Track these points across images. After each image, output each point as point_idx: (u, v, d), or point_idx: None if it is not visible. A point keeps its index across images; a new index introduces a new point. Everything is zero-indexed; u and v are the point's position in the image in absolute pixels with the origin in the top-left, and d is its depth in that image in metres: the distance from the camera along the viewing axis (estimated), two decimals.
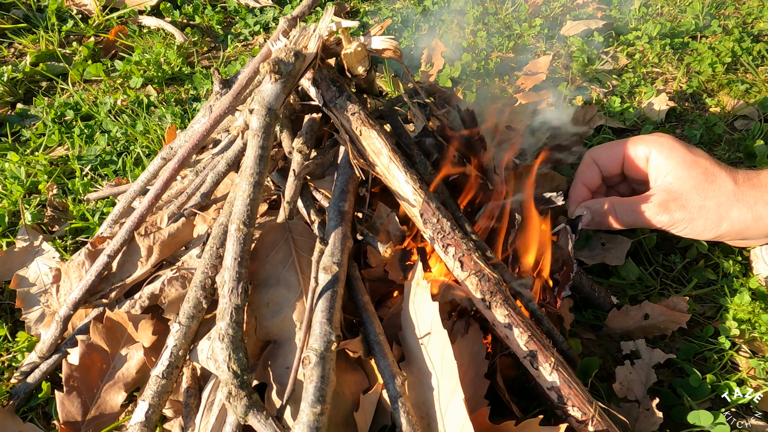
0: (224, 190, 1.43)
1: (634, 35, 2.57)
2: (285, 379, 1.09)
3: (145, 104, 2.19)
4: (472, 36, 2.62)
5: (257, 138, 1.09)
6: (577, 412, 1.07)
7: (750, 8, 2.79)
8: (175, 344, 1.12)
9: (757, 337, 1.38)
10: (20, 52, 2.56)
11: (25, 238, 1.59)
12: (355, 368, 1.16)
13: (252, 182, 1.08)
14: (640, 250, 1.60)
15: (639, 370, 1.28)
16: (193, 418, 1.12)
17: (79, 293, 1.27)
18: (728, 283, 1.49)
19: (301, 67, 1.14)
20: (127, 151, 1.98)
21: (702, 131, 2.01)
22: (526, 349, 1.10)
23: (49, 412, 1.28)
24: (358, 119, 1.20)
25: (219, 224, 1.20)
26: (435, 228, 1.17)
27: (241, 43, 2.67)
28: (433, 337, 1.11)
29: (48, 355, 1.30)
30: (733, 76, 2.32)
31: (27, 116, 2.18)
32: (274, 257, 1.19)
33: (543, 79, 2.29)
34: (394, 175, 1.19)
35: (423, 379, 1.11)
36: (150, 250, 1.30)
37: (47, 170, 1.88)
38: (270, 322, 1.14)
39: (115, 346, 1.25)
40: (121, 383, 1.23)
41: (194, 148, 1.30)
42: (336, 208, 1.20)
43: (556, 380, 1.08)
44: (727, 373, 1.32)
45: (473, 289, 1.14)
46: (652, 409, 1.18)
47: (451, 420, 1.04)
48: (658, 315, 1.39)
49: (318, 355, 1.01)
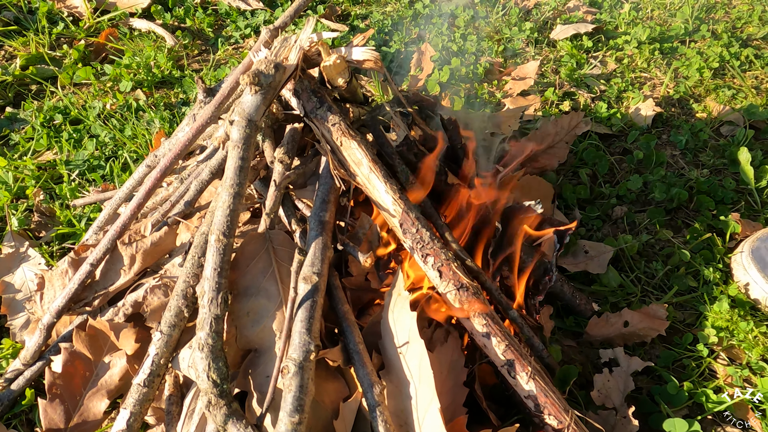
0: (208, 197, 1.44)
1: (623, 39, 2.59)
2: (265, 388, 1.10)
3: (134, 108, 2.20)
4: (462, 40, 2.63)
5: (237, 149, 1.10)
6: (554, 421, 1.09)
7: (740, 12, 2.80)
8: (156, 353, 1.13)
9: (735, 345, 1.40)
10: (10, 54, 2.56)
11: (11, 244, 1.60)
12: (335, 377, 1.17)
13: (232, 193, 1.09)
14: (622, 257, 1.62)
15: (617, 377, 1.29)
16: (174, 426, 1.13)
17: (63, 301, 1.27)
18: (708, 290, 1.51)
19: (281, 79, 1.15)
20: (115, 155, 1.99)
21: (687, 137, 2.03)
22: (504, 359, 1.12)
23: (33, 419, 1.29)
24: (339, 130, 1.21)
25: (201, 233, 1.21)
26: (414, 238, 1.18)
27: (231, 47, 2.68)
28: (411, 346, 1.12)
29: (32, 363, 1.30)
30: (721, 81, 2.34)
31: (16, 120, 2.18)
32: (255, 267, 1.20)
33: (531, 83, 2.31)
34: (375, 185, 1.20)
35: (401, 388, 1.12)
36: (133, 259, 1.30)
37: (35, 175, 1.89)
38: (250, 331, 1.15)
39: (98, 354, 1.26)
40: (104, 390, 1.24)
41: (177, 157, 1.31)
42: (317, 218, 1.21)
43: (533, 389, 1.10)
44: (704, 381, 1.34)
45: (452, 298, 1.15)
46: (628, 417, 1.20)
47: (428, 429, 1.05)
48: (637, 322, 1.41)
49: (297, 365, 1.02)
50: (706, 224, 1.69)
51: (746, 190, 1.83)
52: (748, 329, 1.38)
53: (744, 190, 1.84)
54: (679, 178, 1.88)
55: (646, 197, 1.84)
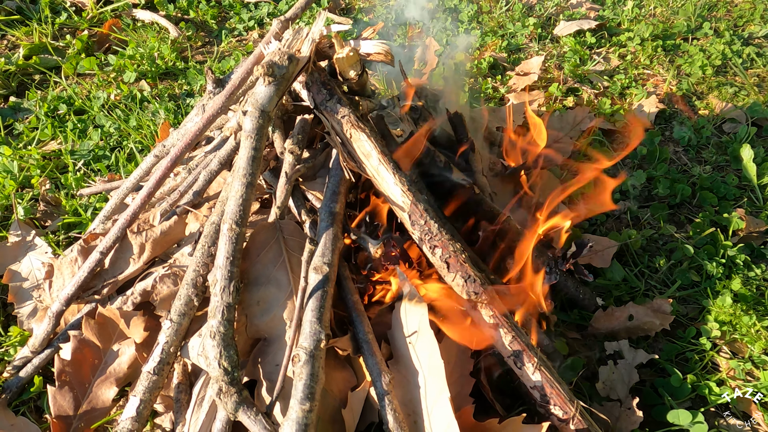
0: (217, 188, 1.44)
1: (626, 36, 2.60)
2: (274, 377, 1.11)
3: (138, 99, 2.20)
4: (465, 35, 2.63)
5: (250, 139, 1.11)
6: (559, 411, 1.10)
7: (741, 10, 2.81)
8: (166, 341, 1.14)
9: (737, 339, 1.41)
10: (13, 44, 2.55)
11: (18, 233, 1.60)
12: (343, 366, 1.18)
13: (245, 183, 1.10)
14: (626, 251, 1.63)
15: (622, 370, 1.31)
16: (183, 414, 1.14)
17: (72, 289, 1.28)
18: (711, 285, 1.52)
19: (294, 71, 1.15)
20: (120, 146, 1.99)
21: (690, 134, 2.04)
22: (511, 349, 1.13)
23: (41, 406, 1.29)
24: (348, 122, 1.21)
25: (211, 223, 1.22)
26: (422, 229, 1.19)
27: (235, 39, 2.68)
28: (420, 336, 1.13)
29: (40, 350, 1.31)
30: (723, 78, 2.35)
31: (20, 109, 2.18)
32: (265, 256, 1.20)
33: (535, 79, 2.31)
34: (384, 177, 1.21)
35: (410, 378, 1.13)
36: (142, 248, 1.31)
37: (40, 164, 1.89)
38: (260, 320, 1.15)
39: (107, 342, 1.27)
40: (112, 378, 1.25)
41: (187, 147, 1.31)
42: (327, 209, 1.22)
43: (539, 380, 1.11)
44: (707, 374, 1.35)
45: (459, 289, 1.16)
46: (633, 408, 1.21)
47: (437, 418, 1.06)
48: (642, 316, 1.42)
49: (308, 353, 1.03)
50: (709, 220, 1.70)
51: (748, 186, 1.84)
52: (751, 323, 1.40)
53: (746, 186, 1.85)
54: (683, 175, 1.89)
55: (650, 193, 1.85)
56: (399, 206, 1.21)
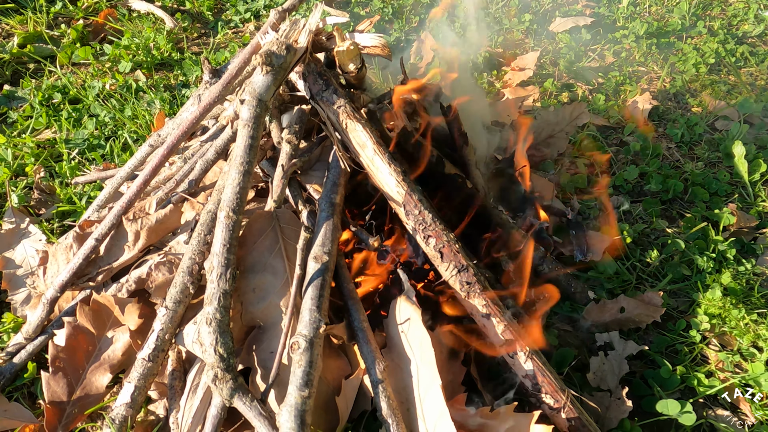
0: (213, 177, 1.45)
1: (621, 33, 2.61)
2: (269, 364, 1.12)
3: (133, 89, 2.19)
4: (462, 30, 2.64)
5: (247, 128, 1.11)
6: (550, 400, 1.12)
7: (736, 9, 2.83)
8: (161, 328, 1.14)
9: (726, 332, 1.43)
10: (7, 32, 2.54)
11: (12, 220, 1.60)
12: (338, 354, 1.19)
13: (242, 171, 1.10)
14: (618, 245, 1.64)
15: (612, 361, 1.32)
16: (177, 400, 1.15)
17: (67, 276, 1.28)
18: (702, 279, 1.54)
19: (292, 61, 1.16)
20: (115, 135, 1.99)
21: (683, 130, 2.06)
22: (503, 338, 1.14)
23: (35, 392, 1.30)
24: (344, 112, 1.22)
25: (207, 211, 1.22)
26: (417, 219, 1.20)
27: (231, 30, 2.67)
28: (412, 325, 1.14)
29: (34, 337, 1.31)
30: (716, 77, 2.37)
31: (14, 98, 2.17)
32: (261, 244, 1.21)
33: (530, 74, 2.32)
34: (378, 167, 1.22)
35: (403, 366, 1.14)
36: (137, 235, 1.31)
37: (34, 153, 1.88)
38: (256, 308, 1.16)
39: (101, 329, 1.27)
40: (106, 365, 1.25)
41: (183, 136, 1.32)
42: (327, 200, 1.23)
43: (531, 368, 1.12)
44: (697, 366, 1.37)
45: (452, 280, 1.17)
46: (622, 398, 1.23)
47: (429, 405, 1.08)
48: (633, 309, 1.44)
49: (307, 340, 1.04)
50: (701, 215, 1.72)
51: (740, 183, 1.86)
52: (740, 316, 1.42)
53: (737, 183, 1.87)
54: (675, 170, 1.91)
55: (642, 188, 1.87)
56: (393, 196, 1.21)
